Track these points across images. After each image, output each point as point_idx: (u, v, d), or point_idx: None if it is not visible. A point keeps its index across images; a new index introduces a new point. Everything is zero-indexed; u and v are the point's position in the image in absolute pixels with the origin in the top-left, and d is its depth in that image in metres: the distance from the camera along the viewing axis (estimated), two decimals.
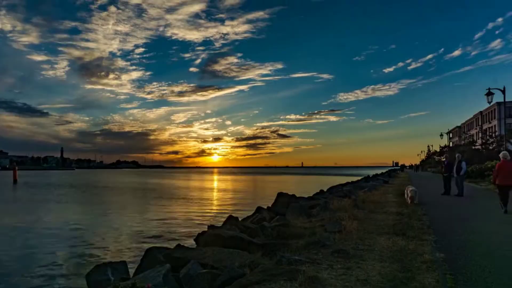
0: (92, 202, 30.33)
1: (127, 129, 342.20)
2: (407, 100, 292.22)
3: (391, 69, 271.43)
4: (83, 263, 10.70)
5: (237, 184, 58.94)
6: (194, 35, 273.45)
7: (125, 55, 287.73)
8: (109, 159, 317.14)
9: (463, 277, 4.69)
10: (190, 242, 10.45)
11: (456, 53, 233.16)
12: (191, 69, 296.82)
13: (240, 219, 11.61)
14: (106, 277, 5.54)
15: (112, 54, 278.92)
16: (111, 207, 26.09)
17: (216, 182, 69.04)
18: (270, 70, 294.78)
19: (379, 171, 79.12)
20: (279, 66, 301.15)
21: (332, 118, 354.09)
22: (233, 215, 12.04)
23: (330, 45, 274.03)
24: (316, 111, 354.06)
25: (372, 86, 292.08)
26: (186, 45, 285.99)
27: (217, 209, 24.71)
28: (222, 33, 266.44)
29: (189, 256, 5.93)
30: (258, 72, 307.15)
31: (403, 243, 6.69)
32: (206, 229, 9.15)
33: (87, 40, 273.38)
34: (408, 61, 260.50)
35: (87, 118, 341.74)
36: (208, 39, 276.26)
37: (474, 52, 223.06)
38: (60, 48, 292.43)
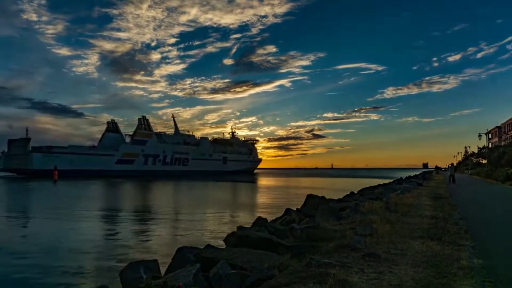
0: (129, 201, 31.34)
1: (159, 129, 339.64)
2: (465, 94, 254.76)
3: (457, 57, 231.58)
4: (117, 260, 11.06)
5: (264, 186, 58.97)
6: (229, 19, 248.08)
7: (158, 46, 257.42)
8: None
9: (503, 286, 4.45)
10: (220, 243, 10.56)
11: None
12: (226, 61, 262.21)
13: (269, 221, 11.59)
14: (138, 275, 5.68)
15: (146, 46, 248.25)
16: (145, 206, 26.83)
17: (242, 183, 69.35)
18: (311, 61, 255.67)
19: (412, 173, 76.71)
20: (322, 55, 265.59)
21: (373, 116, 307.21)
22: (261, 216, 12.04)
23: (383, 29, 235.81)
24: (356, 109, 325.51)
25: (429, 78, 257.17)
26: (221, 32, 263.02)
27: (245, 210, 24.82)
28: (260, 16, 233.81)
29: (218, 257, 5.98)
30: (298, 64, 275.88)
31: (438, 248, 6.44)
32: (235, 230, 9.20)
33: (119, 30, 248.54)
34: (483, 45, 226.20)
35: (121, 119, 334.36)
36: (244, 23, 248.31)
37: None
38: (90, 40, 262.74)
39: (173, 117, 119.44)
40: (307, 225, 8.76)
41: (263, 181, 73.41)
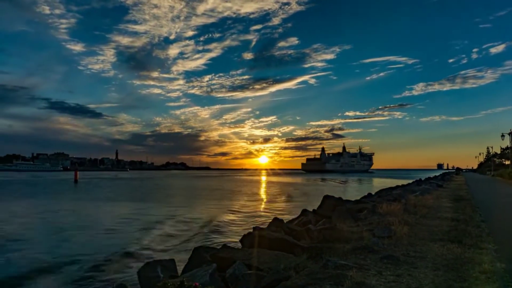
0: (147, 200, 31.81)
1: (176, 130, 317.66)
2: (503, 90, 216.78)
3: (500, 48, 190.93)
4: (135, 259, 11.24)
5: (281, 186, 58.82)
6: (250, 7, 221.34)
7: (176, 40, 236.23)
8: (160, 161, 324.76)
9: None
10: (236, 243, 10.59)
11: None
12: (245, 55, 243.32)
13: (285, 221, 11.57)
14: (156, 274, 5.76)
15: (164, 40, 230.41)
16: (163, 205, 27.18)
17: (257, 184, 69.34)
18: (336, 54, 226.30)
19: (425, 175, 75.18)
20: (347, 47, 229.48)
21: (398, 115, 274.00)
22: (278, 217, 12.02)
23: (417, 16, 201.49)
24: (380, 107, 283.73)
25: (464, 72, 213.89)
26: (241, 23, 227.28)
27: (261, 211, 24.82)
28: (282, 3, 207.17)
29: (234, 257, 6.00)
30: (322, 58, 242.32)
31: (459, 251, 6.28)
32: (251, 230, 9.22)
33: (135, 22, 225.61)
34: None
35: (139, 119, 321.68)
36: (265, 12, 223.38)
37: None
38: (105, 35, 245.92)
39: (343, 147, 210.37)
40: (324, 226, 8.69)
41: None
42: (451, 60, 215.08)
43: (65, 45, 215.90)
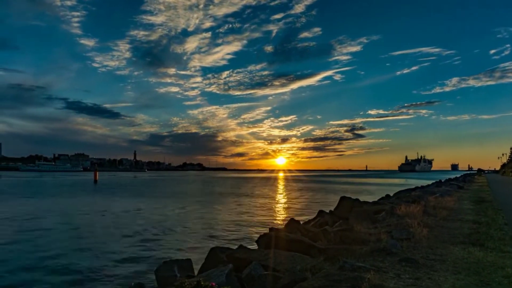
0: (166, 199, 32.22)
1: (193, 130, 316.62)
2: None
3: None
4: (152, 258, 11.39)
5: (296, 188, 58.54)
6: None
7: (193, 32, 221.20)
8: (176, 161, 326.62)
9: None
10: (252, 244, 10.60)
11: None
12: (266, 48, 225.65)
13: (301, 222, 11.50)
14: (172, 274, 5.81)
15: (181, 32, 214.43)
16: (181, 205, 27.45)
17: (272, 186, 69.24)
18: (362, 46, 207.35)
19: (447, 176, 73.25)
20: (375, 38, 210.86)
21: (423, 113, 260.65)
22: (294, 218, 11.98)
23: (454, 2, 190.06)
24: (406, 104, 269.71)
25: (507, 64, 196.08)
26: (261, 12, 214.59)
27: (278, 212, 24.78)
28: None
29: (251, 257, 6.00)
30: (347, 50, 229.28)
31: (481, 254, 6.11)
32: (267, 231, 9.20)
33: (151, 13, 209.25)
34: None
35: (156, 119, 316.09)
36: None
37: None
38: (120, 28, 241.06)
39: (420, 156, 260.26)
40: (341, 228, 8.61)
41: None
42: (492, 51, 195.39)
43: (78, 40, 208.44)
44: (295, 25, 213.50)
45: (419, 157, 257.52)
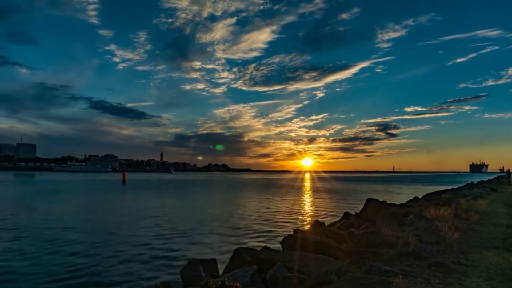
0: (190, 200, 32.72)
1: (218, 130, 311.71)
2: None
3: None
4: (178, 258, 11.58)
5: (321, 190, 57.98)
6: None
7: (219, 17, 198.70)
8: (201, 162, 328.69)
9: None
10: (276, 244, 10.58)
11: None
12: (297, 33, 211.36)
13: (326, 224, 11.38)
14: (198, 273, 5.88)
15: (207, 18, 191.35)
16: (203, 206, 27.80)
17: (296, 188, 68.86)
18: (404, 31, 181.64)
19: (478, 179, 70.25)
20: (423, 20, 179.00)
21: (466, 110, 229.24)
22: (319, 220, 11.86)
23: None
24: (449, 100, 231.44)
25: None
26: None
27: (302, 213, 24.61)
28: None
29: (275, 259, 5.99)
30: (388, 36, 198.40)
31: None
32: (291, 233, 9.16)
33: None
34: None
35: (182, 119, 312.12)
36: None
37: None
38: (139, 14, 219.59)
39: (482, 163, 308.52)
40: (367, 230, 8.44)
41: None
42: None
43: (97, 31, 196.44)
44: (332, 5, 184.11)
45: (481, 163, 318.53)
